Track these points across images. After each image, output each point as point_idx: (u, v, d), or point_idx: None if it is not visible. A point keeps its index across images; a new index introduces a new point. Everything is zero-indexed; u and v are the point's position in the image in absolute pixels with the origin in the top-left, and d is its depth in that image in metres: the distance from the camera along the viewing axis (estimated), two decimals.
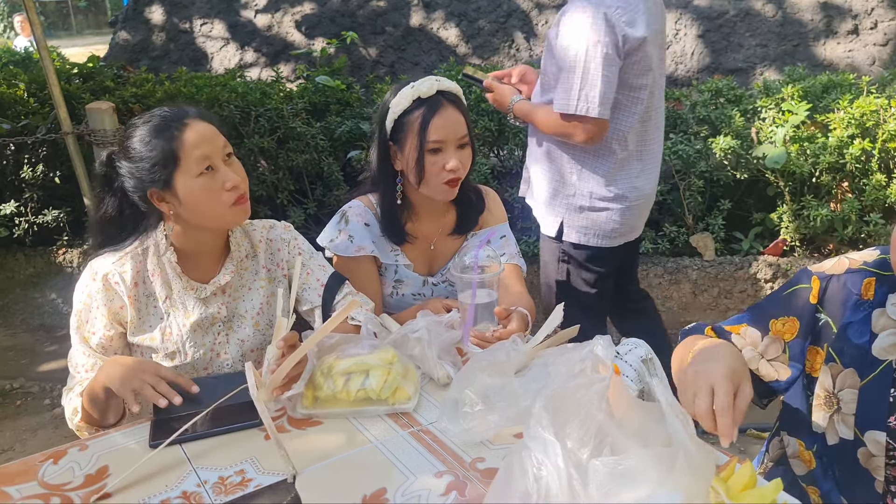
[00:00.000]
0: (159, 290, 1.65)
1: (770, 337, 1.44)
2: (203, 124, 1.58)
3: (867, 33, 4.70)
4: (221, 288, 1.69)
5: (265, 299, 1.75)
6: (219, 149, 1.58)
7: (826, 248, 3.47)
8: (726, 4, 4.91)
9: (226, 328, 1.70)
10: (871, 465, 1.31)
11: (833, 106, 3.40)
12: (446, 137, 1.85)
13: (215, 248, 1.70)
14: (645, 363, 1.71)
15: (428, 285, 2.03)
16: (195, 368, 1.68)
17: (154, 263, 1.65)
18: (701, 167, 3.42)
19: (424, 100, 1.85)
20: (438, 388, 1.53)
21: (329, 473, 1.27)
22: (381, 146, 1.93)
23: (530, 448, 0.97)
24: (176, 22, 5.81)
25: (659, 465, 0.96)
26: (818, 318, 1.39)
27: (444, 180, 1.86)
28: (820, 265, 1.43)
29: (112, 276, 1.60)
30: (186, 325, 1.65)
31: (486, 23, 5.30)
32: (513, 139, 3.62)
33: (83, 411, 1.54)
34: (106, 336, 1.61)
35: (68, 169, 3.69)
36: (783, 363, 1.42)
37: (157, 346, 1.64)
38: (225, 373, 1.68)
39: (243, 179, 1.61)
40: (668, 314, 3.60)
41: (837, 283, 1.38)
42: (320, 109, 4.06)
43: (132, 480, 1.25)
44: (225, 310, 1.70)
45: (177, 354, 1.65)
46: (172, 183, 1.55)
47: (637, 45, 2.18)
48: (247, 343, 1.71)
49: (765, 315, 1.45)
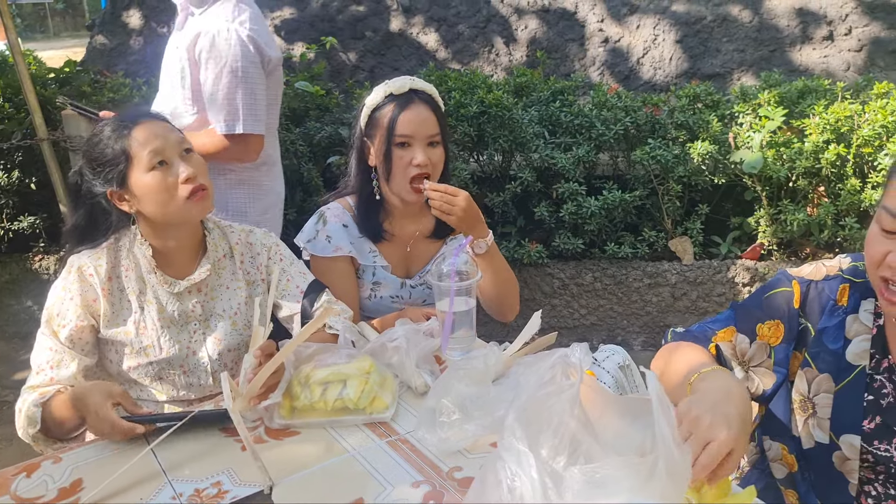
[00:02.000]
0: (134, 285, 1.66)
1: (757, 343, 1.44)
2: (156, 122, 1.63)
3: (842, 39, 4.76)
4: (197, 285, 1.70)
5: (243, 299, 1.75)
6: (173, 144, 1.61)
7: (803, 251, 3.50)
8: (704, 10, 4.95)
9: (203, 326, 1.70)
10: (846, 468, 1.33)
11: (809, 111, 3.43)
12: (414, 132, 1.88)
13: (190, 245, 1.71)
14: (623, 370, 1.72)
15: (406, 287, 2.03)
16: (171, 365, 1.67)
17: (129, 259, 1.67)
18: (679, 172, 3.44)
19: (396, 96, 1.90)
20: (416, 397, 1.53)
21: (306, 484, 1.26)
22: (357, 141, 1.99)
23: (504, 459, 0.97)
24: (154, 26, 5.77)
25: (636, 474, 0.96)
26: (800, 323, 1.41)
27: (409, 175, 1.88)
28: (798, 270, 1.44)
29: (87, 269, 1.63)
30: (161, 320, 1.66)
31: (466, 28, 5.31)
32: (492, 144, 3.62)
33: (45, 424, 1.50)
34: (78, 326, 1.60)
35: (44, 175, 3.65)
36: (768, 368, 1.43)
37: (131, 341, 1.65)
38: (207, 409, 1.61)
39: (202, 173, 1.63)
40: (648, 318, 3.62)
41: (816, 289, 1.40)
42: (299, 115, 4.05)
43: (106, 494, 1.24)
44: (200, 308, 1.70)
45: (151, 349, 1.65)
46: (127, 181, 1.59)
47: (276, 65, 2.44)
48: (223, 342, 1.71)
49: (752, 318, 1.45)
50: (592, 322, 3.70)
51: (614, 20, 5.10)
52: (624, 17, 5.09)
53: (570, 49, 5.17)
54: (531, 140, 3.60)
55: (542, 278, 3.64)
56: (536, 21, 5.22)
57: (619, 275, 3.56)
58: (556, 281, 3.63)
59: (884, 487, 1.33)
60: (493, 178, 3.73)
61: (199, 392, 1.71)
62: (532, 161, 3.60)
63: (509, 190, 3.58)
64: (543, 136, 3.70)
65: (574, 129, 3.68)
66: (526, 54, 5.22)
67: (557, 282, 3.63)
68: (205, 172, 1.65)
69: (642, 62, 5.03)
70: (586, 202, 3.43)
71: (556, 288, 3.64)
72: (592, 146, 3.57)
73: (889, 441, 1.30)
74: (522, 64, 5.12)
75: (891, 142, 3.18)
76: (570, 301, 3.66)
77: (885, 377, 1.32)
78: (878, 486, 1.33)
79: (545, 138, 3.70)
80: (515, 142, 3.60)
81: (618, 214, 3.51)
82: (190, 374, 1.70)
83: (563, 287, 3.64)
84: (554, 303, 3.67)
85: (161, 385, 1.70)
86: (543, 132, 3.73)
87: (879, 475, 1.33)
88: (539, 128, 3.71)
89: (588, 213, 3.42)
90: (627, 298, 3.60)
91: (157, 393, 1.71)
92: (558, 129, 3.74)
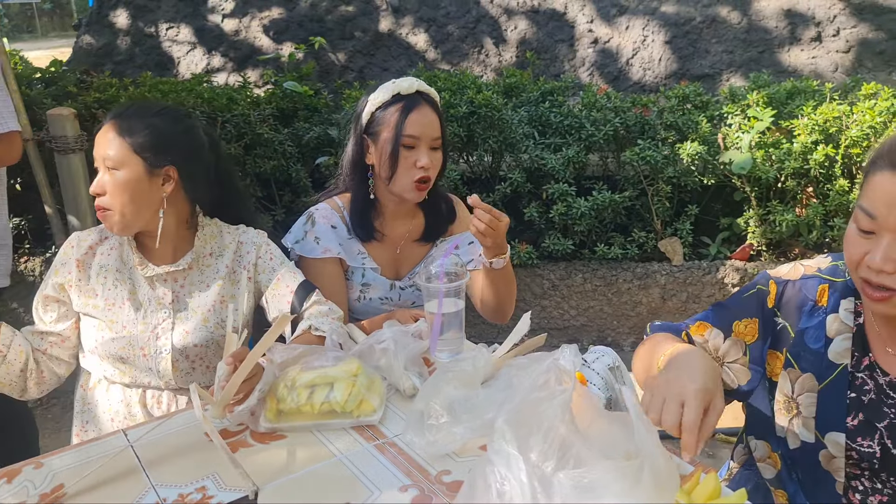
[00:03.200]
0: (114, 263, 1.73)
1: (732, 339, 1.46)
2: (109, 131, 1.68)
3: (830, 40, 4.78)
4: (172, 275, 1.73)
5: (219, 298, 1.75)
6: (99, 157, 1.68)
7: (792, 252, 3.51)
8: (693, 11, 4.96)
9: (172, 315, 1.72)
10: (832, 466, 1.34)
11: (797, 112, 3.44)
12: (421, 134, 1.87)
13: (166, 240, 1.73)
14: (612, 371, 1.71)
15: (395, 289, 2.02)
16: (132, 345, 1.69)
17: (116, 238, 1.74)
18: (668, 173, 3.45)
19: (404, 96, 1.89)
20: (404, 400, 1.51)
21: (293, 488, 1.24)
22: (355, 139, 1.96)
23: (494, 462, 0.96)
24: (141, 26, 5.74)
25: (624, 478, 0.96)
26: (776, 322, 1.43)
27: (414, 178, 1.87)
28: (777, 270, 1.47)
29: (72, 240, 1.74)
30: (130, 299, 1.70)
31: (455, 28, 5.31)
32: (482, 145, 3.62)
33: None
34: (44, 295, 1.71)
35: (29, 176, 3.61)
36: (743, 366, 1.45)
37: (101, 315, 1.69)
38: None
39: (110, 192, 1.66)
40: (638, 319, 3.62)
41: (793, 288, 1.42)
42: (288, 115, 4.03)
43: (88, 499, 1.22)
44: (170, 295, 1.72)
45: (115, 325, 1.69)
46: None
47: None
48: (191, 335, 1.71)
49: (728, 315, 1.47)
50: (582, 323, 3.69)
51: (604, 21, 5.11)
52: (613, 18, 5.10)
53: (560, 50, 5.17)
54: (521, 141, 3.60)
55: (531, 279, 3.63)
56: (526, 22, 5.22)
57: (609, 276, 3.56)
58: (546, 282, 3.63)
59: (870, 482, 1.34)
60: (482, 179, 3.72)
61: (157, 378, 1.72)
62: (522, 162, 3.59)
63: (499, 191, 3.57)
64: (533, 137, 3.70)
65: (564, 129, 3.67)
66: (515, 55, 5.22)
67: (547, 283, 3.63)
68: (113, 192, 1.65)
69: (632, 63, 5.04)
70: (576, 203, 3.43)
71: (545, 289, 3.64)
72: (582, 147, 3.57)
73: (871, 437, 1.31)
74: (512, 65, 5.12)
75: (879, 142, 3.19)
76: (560, 302, 3.66)
77: (867, 374, 1.34)
78: (864, 482, 1.34)
79: (535, 139, 3.70)
80: (505, 142, 3.59)
81: (607, 215, 3.51)
82: (150, 359, 1.70)
83: (552, 288, 3.63)
84: (544, 304, 3.66)
85: (124, 366, 1.71)
86: (533, 133, 3.73)
87: (864, 471, 1.34)
88: (529, 128, 3.71)
89: (578, 213, 3.42)
90: (617, 299, 3.60)
91: (121, 374, 1.72)
92: (548, 129, 3.74)
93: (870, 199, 1.20)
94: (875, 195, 1.19)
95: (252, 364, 1.40)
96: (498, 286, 1.94)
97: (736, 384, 1.45)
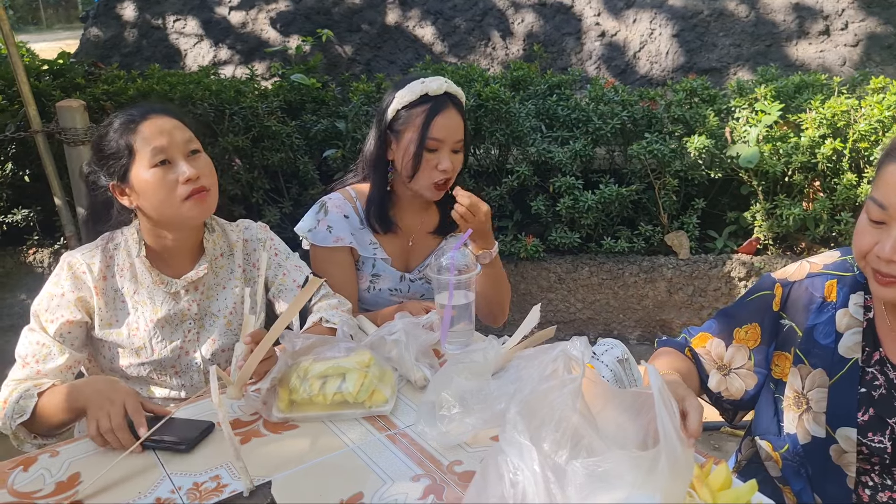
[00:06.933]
0: (128, 285, 1.65)
1: (735, 346, 1.49)
2: (164, 119, 1.61)
3: (838, 34, 4.76)
4: (193, 284, 1.69)
5: (239, 299, 1.74)
6: (179, 143, 1.59)
7: (798, 246, 3.51)
8: (700, 4, 4.95)
9: (197, 326, 1.69)
10: (843, 461, 1.34)
11: (805, 106, 3.43)
12: (445, 138, 1.87)
13: (187, 246, 1.69)
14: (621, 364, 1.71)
15: (405, 281, 2.03)
16: (162, 366, 1.66)
17: (124, 258, 1.65)
18: (675, 166, 3.44)
19: (432, 97, 1.88)
20: (415, 391, 1.52)
21: (305, 478, 1.25)
22: (378, 133, 1.96)
23: (506, 453, 0.97)
24: (148, 18, 5.74)
25: (638, 467, 0.96)
26: (782, 325, 1.44)
27: (433, 180, 1.89)
28: (783, 271, 1.48)
29: (79, 266, 1.62)
30: (154, 321, 1.64)
31: (462, 21, 5.30)
32: (489, 138, 3.62)
33: (34, 416, 1.45)
34: (68, 322, 1.58)
35: (38, 167, 3.63)
36: (749, 370, 1.48)
37: (124, 342, 1.63)
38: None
39: (206, 175, 1.61)
40: (644, 312, 3.63)
41: (799, 287, 1.43)
42: (295, 108, 4.03)
43: (104, 487, 1.24)
44: (196, 307, 1.69)
45: (143, 351, 1.64)
46: (128, 175, 1.58)
47: None
48: (218, 342, 1.70)
49: (731, 322, 1.51)
50: (588, 316, 3.70)
51: (611, 14, 5.09)
52: (620, 12, 5.08)
53: (567, 43, 5.16)
54: (528, 134, 3.59)
55: (538, 273, 3.63)
56: (533, 15, 5.21)
57: (616, 269, 3.56)
58: (553, 275, 3.63)
59: (880, 478, 1.34)
60: (489, 172, 3.72)
61: (191, 392, 1.70)
62: (529, 155, 3.59)
63: (506, 184, 3.57)
64: (540, 130, 3.70)
65: (571, 123, 3.67)
66: (522, 48, 5.20)
67: (554, 276, 3.63)
68: (210, 174, 1.63)
69: (639, 56, 5.03)
70: (583, 196, 3.43)
71: (552, 282, 3.64)
72: (589, 140, 3.56)
73: (882, 432, 1.31)
74: (519, 58, 5.11)
75: (887, 136, 3.18)
76: (567, 295, 3.66)
77: (877, 369, 1.34)
78: (874, 477, 1.35)
79: (542, 132, 3.70)
80: (512, 136, 3.59)
81: (614, 209, 3.51)
82: (182, 375, 1.69)
83: (559, 281, 3.64)
84: (550, 297, 3.67)
85: (154, 385, 1.69)
86: (540, 126, 3.72)
87: (875, 466, 1.34)
88: (536, 122, 3.70)
89: (584, 207, 3.41)
90: (623, 293, 3.60)
91: (149, 392, 1.69)
92: (555, 123, 3.74)
93: (882, 191, 1.22)
94: (887, 187, 1.21)
95: (271, 341, 1.40)
96: (490, 284, 1.96)
97: (743, 389, 1.48)
